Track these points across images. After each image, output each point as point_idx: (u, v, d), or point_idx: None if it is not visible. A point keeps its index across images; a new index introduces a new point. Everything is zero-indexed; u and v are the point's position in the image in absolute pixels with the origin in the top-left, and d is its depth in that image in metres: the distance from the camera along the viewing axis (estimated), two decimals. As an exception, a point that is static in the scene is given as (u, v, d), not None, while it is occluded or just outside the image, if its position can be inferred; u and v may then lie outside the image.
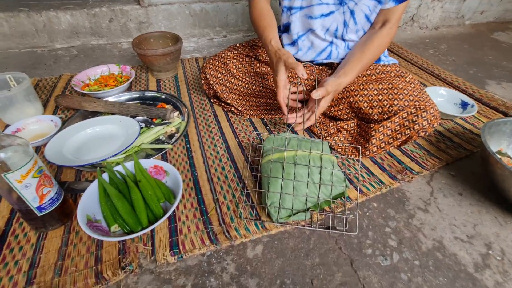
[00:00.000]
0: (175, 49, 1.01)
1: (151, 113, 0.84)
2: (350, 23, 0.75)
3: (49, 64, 1.19)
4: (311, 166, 0.60)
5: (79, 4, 1.35)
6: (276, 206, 0.56)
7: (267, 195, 0.57)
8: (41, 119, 0.80)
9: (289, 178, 0.58)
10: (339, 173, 0.61)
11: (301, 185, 0.58)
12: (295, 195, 0.57)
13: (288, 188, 0.57)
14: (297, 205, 0.57)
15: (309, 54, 0.84)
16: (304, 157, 0.62)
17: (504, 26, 1.87)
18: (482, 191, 0.67)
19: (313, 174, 0.59)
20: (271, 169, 0.60)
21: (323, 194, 0.58)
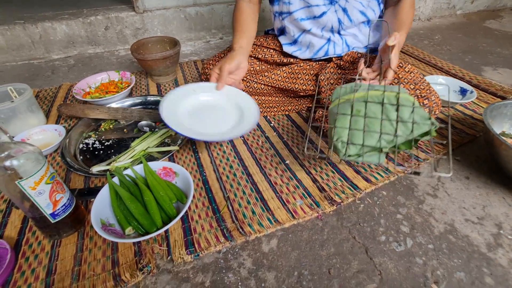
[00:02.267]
0: (174, 52, 1.01)
1: (155, 117, 0.84)
2: (345, 21, 0.77)
3: (47, 75, 1.19)
4: (386, 104, 0.51)
5: (74, 13, 1.35)
6: (344, 141, 0.49)
7: (334, 131, 0.50)
8: (45, 128, 0.80)
9: (359, 115, 0.50)
10: (421, 110, 0.50)
11: (374, 122, 0.49)
12: (366, 130, 0.48)
13: (357, 125, 0.49)
14: (368, 141, 0.48)
15: (307, 53, 0.86)
16: (377, 96, 0.54)
17: (495, 14, 1.89)
18: (488, 174, 0.68)
19: (388, 112, 0.50)
20: (338, 108, 0.54)
21: (401, 132, 0.49)
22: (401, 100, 0.52)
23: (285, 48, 0.87)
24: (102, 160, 0.72)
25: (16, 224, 0.58)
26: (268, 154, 0.74)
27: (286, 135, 0.81)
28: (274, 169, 0.70)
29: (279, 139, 0.80)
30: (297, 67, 0.86)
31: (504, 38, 1.50)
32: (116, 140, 0.80)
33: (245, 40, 0.77)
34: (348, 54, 0.83)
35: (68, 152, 0.73)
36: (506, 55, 1.31)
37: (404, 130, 0.49)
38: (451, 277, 0.48)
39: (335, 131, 0.51)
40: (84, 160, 0.74)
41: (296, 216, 0.58)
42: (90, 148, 0.77)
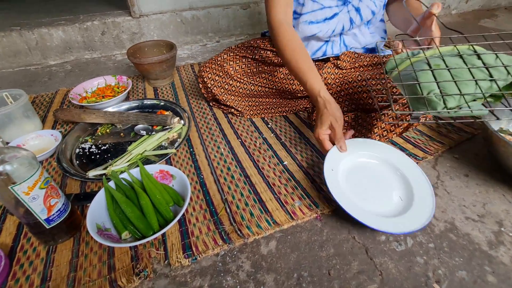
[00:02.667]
0: (171, 56, 1.01)
1: (151, 121, 0.84)
2: (357, 20, 0.76)
3: (44, 80, 1.19)
4: (465, 55, 0.45)
5: (70, 19, 1.36)
6: (438, 93, 0.41)
7: (419, 86, 0.42)
8: (41, 134, 0.80)
9: (441, 68, 0.43)
10: (505, 56, 0.45)
11: (461, 72, 0.43)
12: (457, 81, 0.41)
13: (444, 77, 0.42)
14: (465, 89, 0.41)
15: None
16: (450, 51, 0.48)
17: (490, 13, 1.90)
18: (488, 171, 0.67)
19: (471, 61, 0.44)
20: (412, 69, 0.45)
21: (497, 76, 0.42)
22: (478, 50, 0.46)
23: None
24: (98, 165, 0.72)
25: (11, 230, 0.57)
26: (266, 156, 0.74)
27: (284, 136, 0.81)
28: (272, 170, 0.69)
29: (277, 140, 0.79)
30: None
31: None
32: (112, 144, 0.80)
33: (319, 79, 0.65)
34: (345, 54, 0.83)
35: (64, 157, 0.73)
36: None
37: (498, 75, 0.42)
38: (453, 276, 0.47)
39: (422, 86, 0.42)
40: (81, 165, 0.73)
41: (295, 217, 0.57)
42: (86, 152, 0.77)
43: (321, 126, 0.62)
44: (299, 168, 0.69)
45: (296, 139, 0.80)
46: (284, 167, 0.70)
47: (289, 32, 0.68)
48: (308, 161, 0.71)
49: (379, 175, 0.61)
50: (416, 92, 0.43)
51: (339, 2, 0.74)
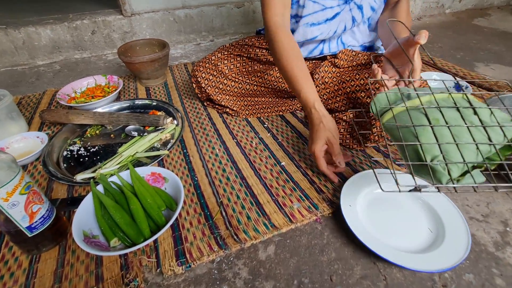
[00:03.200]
0: (163, 54, 0.98)
1: (143, 121, 0.80)
2: (358, 18, 0.75)
3: (32, 81, 1.15)
4: (461, 108, 0.42)
5: (59, 18, 1.31)
6: (443, 160, 0.37)
7: (421, 148, 0.38)
8: (26, 136, 0.76)
9: (440, 124, 0.40)
10: (498, 111, 0.43)
11: (460, 131, 0.40)
12: (459, 143, 0.38)
13: (444, 137, 0.39)
14: (468, 156, 0.38)
15: (301, 52, 0.83)
16: (445, 100, 0.44)
17: (483, 12, 1.92)
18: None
19: (468, 116, 0.41)
20: (410, 118, 0.42)
21: (495, 140, 0.39)
22: (472, 102, 0.43)
23: None
24: (87, 168, 0.68)
25: (-9, 239, 0.53)
26: (262, 156, 0.71)
27: (281, 136, 0.78)
28: (269, 171, 0.67)
29: (273, 140, 0.77)
30: (290, 66, 0.84)
31: (493, 35, 1.51)
32: (102, 146, 0.76)
33: (314, 91, 0.63)
34: (342, 52, 0.81)
35: (50, 160, 0.69)
36: (496, 51, 1.31)
37: (495, 136, 0.40)
38: (459, 280, 0.45)
39: (424, 148, 0.39)
40: (68, 168, 0.69)
41: (294, 220, 0.55)
42: (74, 155, 0.73)
43: (318, 142, 0.58)
44: (297, 169, 0.67)
45: (294, 139, 0.77)
46: (282, 168, 0.67)
47: (287, 37, 0.64)
48: (307, 161, 0.69)
49: (402, 206, 0.56)
50: (418, 154, 0.39)
51: (341, 1, 0.72)
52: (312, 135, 0.61)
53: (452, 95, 0.44)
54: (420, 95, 0.45)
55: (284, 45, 0.64)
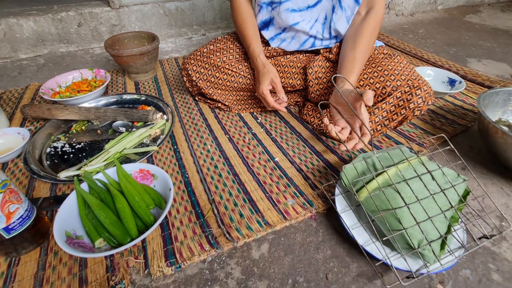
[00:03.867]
0: (152, 47, 0.95)
1: (131, 116, 0.77)
2: (337, 8, 0.72)
3: (14, 75, 1.09)
4: (422, 175, 0.46)
5: (42, 9, 1.26)
6: (426, 242, 0.41)
7: (408, 236, 0.41)
8: (6, 132, 0.72)
9: (413, 201, 0.43)
10: (447, 169, 0.49)
11: (429, 203, 0.44)
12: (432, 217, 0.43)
13: (419, 214, 0.43)
14: (441, 227, 0.43)
15: (293, 45, 0.81)
16: (407, 170, 0.49)
17: (474, 9, 1.93)
18: (484, 163, 0.65)
19: (428, 184, 0.46)
20: (387, 199, 0.45)
21: (453, 201, 0.45)
22: (426, 165, 0.48)
23: (271, 43, 0.82)
24: (72, 165, 0.65)
25: (-33, 241, 0.50)
26: (255, 152, 0.69)
27: (275, 131, 0.77)
28: (262, 167, 0.65)
29: (267, 136, 0.75)
30: (283, 59, 0.82)
31: (485, 32, 1.52)
32: (88, 143, 0.73)
33: (260, 47, 0.78)
34: (337, 46, 0.79)
35: (32, 157, 0.65)
36: (488, 47, 1.32)
37: (452, 197, 0.45)
38: (456, 276, 0.44)
39: (410, 235, 0.41)
40: (52, 166, 0.66)
41: (288, 217, 0.53)
42: (58, 152, 0.70)
43: (264, 82, 0.72)
44: (291, 165, 0.65)
45: (287, 134, 0.75)
46: (276, 164, 0.66)
47: (244, 6, 0.80)
48: (301, 157, 0.67)
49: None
50: (406, 239, 0.42)
51: None
52: (258, 78, 0.74)
53: (410, 163, 0.49)
54: (384, 165, 0.49)
55: (242, 12, 0.79)
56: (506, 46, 1.32)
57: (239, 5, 0.79)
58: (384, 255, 0.44)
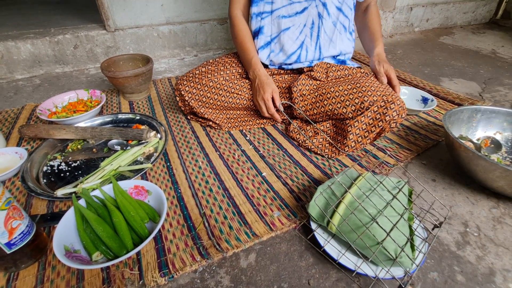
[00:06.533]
0: (147, 69, 1.00)
1: (126, 135, 0.81)
2: (324, 15, 0.85)
3: (9, 95, 1.13)
4: (376, 187, 0.54)
5: (40, 32, 1.31)
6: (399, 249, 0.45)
7: (385, 250, 0.45)
8: (4, 152, 0.75)
9: (378, 214, 0.49)
10: (393, 178, 0.59)
11: (391, 212, 0.50)
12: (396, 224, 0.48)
13: (387, 225, 0.48)
14: (404, 230, 0.48)
15: (280, 56, 0.90)
16: (365, 185, 0.56)
17: (447, 31, 2.08)
18: (452, 175, 0.72)
19: (384, 195, 0.53)
20: (358, 219, 0.49)
21: (404, 202, 0.53)
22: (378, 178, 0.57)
23: (260, 53, 0.90)
24: (68, 183, 0.68)
25: (-34, 258, 0.52)
26: (244, 168, 0.74)
27: (262, 148, 0.82)
28: (251, 182, 0.69)
29: (255, 152, 0.80)
30: (270, 80, 0.89)
31: (457, 52, 1.65)
32: (84, 161, 0.76)
33: (258, 58, 0.88)
34: (318, 65, 0.87)
35: (29, 175, 0.68)
36: (459, 67, 1.43)
37: (404, 199, 0.54)
38: (425, 278, 0.49)
39: (387, 247, 0.46)
40: (49, 184, 0.69)
41: (274, 228, 0.57)
42: (55, 170, 0.73)
43: (267, 91, 0.81)
44: (278, 179, 0.70)
45: (274, 150, 0.81)
46: (263, 178, 0.70)
47: (242, 23, 0.89)
48: (286, 171, 0.72)
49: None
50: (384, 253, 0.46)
51: None
52: (262, 86, 0.82)
53: (365, 178, 0.57)
54: (346, 186, 0.56)
55: (241, 28, 0.89)
56: (476, 66, 1.44)
57: (239, 23, 0.89)
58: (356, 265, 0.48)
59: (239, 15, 0.90)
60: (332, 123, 0.83)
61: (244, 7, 0.91)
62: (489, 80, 1.28)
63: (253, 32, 0.90)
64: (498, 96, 1.13)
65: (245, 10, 0.91)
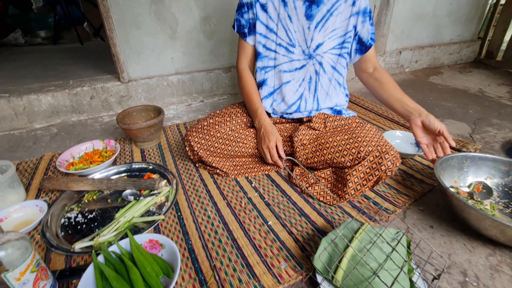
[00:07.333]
0: (158, 120, 1.09)
1: (139, 186, 0.87)
2: (321, 72, 0.95)
3: (29, 145, 1.20)
4: (376, 240, 0.58)
5: (60, 85, 1.43)
6: None
7: None
8: (25, 205, 0.79)
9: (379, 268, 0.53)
10: (391, 229, 0.62)
11: (391, 265, 0.54)
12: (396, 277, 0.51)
13: (386, 278, 0.51)
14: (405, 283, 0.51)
15: (281, 106, 0.99)
16: (365, 238, 0.60)
17: (436, 70, 2.23)
18: (448, 221, 0.75)
19: (383, 247, 0.57)
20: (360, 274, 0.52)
21: (403, 254, 0.56)
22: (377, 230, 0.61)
23: (264, 101, 0.99)
24: (85, 235, 0.72)
25: (-11, 318, 0.54)
26: (251, 216, 0.78)
27: (267, 195, 0.86)
28: (257, 231, 0.73)
29: (260, 200, 0.84)
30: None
31: (446, 92, 1.76)
32: (99, 212, 0.81)
33: (263, 109, 0.97)
34: (316, 116, 0.96)
35: (49, 229, 0.72)
36: (449, 107, 1.52)
37: (402, 251, 0.57)
38: (429, 332, 0.51)
39: None
40: (66, 236, 0.73)
41: (282, 280, 0.60)
42: (72, 222, 0.77)
43: (272, 140, 0.89)
44: (283, 228, 0.74)
45: (279, 197, 0.85)
46: (269, 228, 0.74)
47: (249, 76, 1.00)
48: (291, 219, 0.76)
49: None
50: None
51: (306, 56, 0.94)
52: (268, 136, 0.90)
53: (365, 231, 0.61)
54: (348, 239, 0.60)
55: (247, 81, 0.99)
56: (465, 106, 1.53)
57: (246, 75, 1.00)
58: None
59: (246, 68, 1.01)
60: (332, 170, 0.88)
61: (250, 61, 1.02)
62: (478, 120, 1.36)
63: (258, 83, 1.01)
64: (488, 137, 1.20)
65: (251, 64, 1.02)
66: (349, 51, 0.96)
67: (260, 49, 0.96)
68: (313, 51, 0.93)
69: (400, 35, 2.06)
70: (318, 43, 0.92)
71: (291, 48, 0.93)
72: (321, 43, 0.92)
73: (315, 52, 0.93)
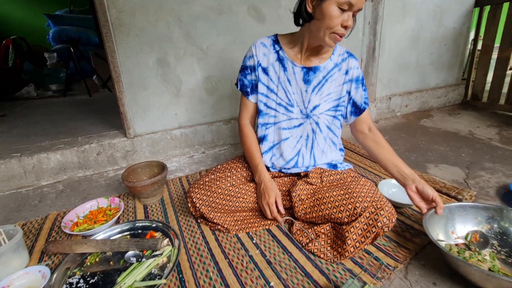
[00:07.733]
0: (162, 177, 1.13)
1: (142, 246, 0.88)
2: (317, 131, 1.02)
3: (34, 204, 1.23)
4: None
5: (69, 142, 1.51)
6: None
7: None
8: (28, 271, 0.80)
9: None
10: None
11: None
12: None
13: None
14: None
15: (280, 161, 1.04)
16: None
17: (426, 113, 2.35)
18: (450, 276, 0.75)
19: None
20: None
21: None
22: None
23: (264, 156, 1.05)
24: (85, 303, 0.71)
25: None
26: (253, 277, 0.78)
27: (268, 252, 0.87)
28: (260, 294, 0.72)
29: (262, 258, 0.85)
30: (271, 183, 1.01)
31: (437, 135, 1.83)
32: (101, 276, 0.81)
33: (264, 165, 1.03)
34: (312, 171, 1.00)
35: (50, 298, 0.72)
36: (441, 151, 1.58)
37: None
38: None
39: None
40: (66, 305, 0.72)
41: None
42: (73, 288, 0.77)
43: (272, 196, 0.93)
44: (285, 289, 0.73)
45: (280, 255, 0.86)
46: (271, 289, 0.74)
47: (250, 132, 1.07)
48: (293, 279, 0.76)
49: None
50: None
51: (303, 115, 1.02)
52: (268, 192, 0.94)
53: None
54: None
55: (248, 135, 1.06)
56: (457, 150, 1.59)
57: (247, 131, 1.07)
58: None
59: (247, 124, 1.09)
60: (331, 226, 0.90)
61: (252, 117, 1.09)
62: (471, 164, 1.40)
63: (259, 138, 1.08)
64: (482, 182, 1.23)
65: (252, 119, 1.10)
66: (343, 113, 1.05)
67: (261, 107, 1.04)
68: (310, 111, 1.01)
69: (388, 83, 2.21)
70: (315, 105, 1.00)
71: (290, 107, 1.02)
72: (318, 105, 1.00)
73: (312, 113, 1.01)
